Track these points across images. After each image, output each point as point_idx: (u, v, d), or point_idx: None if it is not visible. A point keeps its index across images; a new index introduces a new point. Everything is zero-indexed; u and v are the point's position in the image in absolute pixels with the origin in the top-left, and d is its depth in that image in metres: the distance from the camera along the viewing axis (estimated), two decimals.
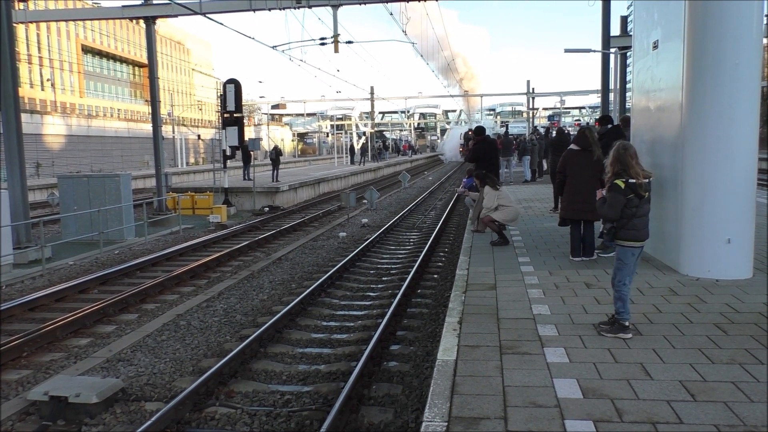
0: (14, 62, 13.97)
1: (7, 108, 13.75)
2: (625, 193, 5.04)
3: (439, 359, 4.75)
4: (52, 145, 46.04)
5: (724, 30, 6.70)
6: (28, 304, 9.24)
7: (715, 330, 5.19)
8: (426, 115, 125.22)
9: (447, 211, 19.13)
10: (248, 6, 20.04)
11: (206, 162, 62.49)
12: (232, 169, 26.28)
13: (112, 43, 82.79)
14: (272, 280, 10.95)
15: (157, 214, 19.94)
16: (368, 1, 19.87)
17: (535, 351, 4.85)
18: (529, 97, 70.34)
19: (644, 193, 5.12)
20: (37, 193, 29.03)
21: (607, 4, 19.02)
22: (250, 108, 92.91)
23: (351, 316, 8.65)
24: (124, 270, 11.62)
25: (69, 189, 16.12)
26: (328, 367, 6.61)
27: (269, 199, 23.78)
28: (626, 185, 5.02)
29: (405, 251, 13.43)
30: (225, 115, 21.25)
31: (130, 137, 56.87)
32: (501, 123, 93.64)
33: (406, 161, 58.90)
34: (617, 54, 24.30)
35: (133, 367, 6.73)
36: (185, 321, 8.43)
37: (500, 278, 7.48)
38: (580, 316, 5.77)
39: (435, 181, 35.20)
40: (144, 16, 21.60)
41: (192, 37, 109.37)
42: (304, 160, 66.87)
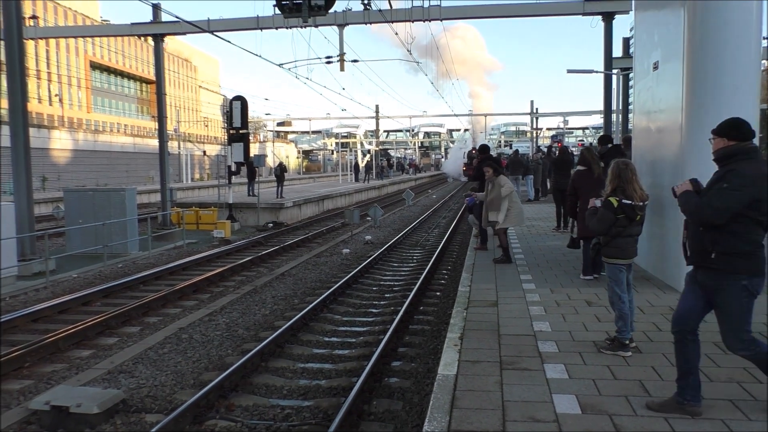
0: (24, 78, 14.15)
1: (16, 122, 13.92)
2: (615, 212, 5.07)
3: (440, 374, 4.78)
4: (58, 159, 46.39)
5: (723, 52, 6.79)
6: (31, 316, 9.29)
7: (714, 349, 5.21)
8: (430, 134, 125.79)
9: (450, 229, 19.17)
10: (255, 24, 20.30)
11: (211, 178, 62.84)
12: (236, 185, 26.41)
13: (120, 60, 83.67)
14: (275, 295, 10.98)
15: (162, 228, 20.02)
16: (374, 21, 20.11)
17: (535, 367, 4.88)
18: (533, 117, 70.61)
19: (636, 216, 5.14)
20: (42, 206, 29.18)
21: (609, 25, 19.16)
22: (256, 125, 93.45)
23: (353, 332, 8.67)
24: (128, 283, 11.67)
25: (74, 202, 16.23)
26: (329, 382, 6.62)
27: (273, 215, 23.86)
28: (619, 205, 5.05)
29: (408, 268, 13.46)
30: (231, 131, 21.41)
31: (136, 152, 57.26)
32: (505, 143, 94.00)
33: (410, 179, 59.07)
34: (619, 75, 24.46)
35: (134, 378, 6.76)
36: (187, 334, 8.46)
37: (502, 295, 7.52)
38: (581, 333, 5.80)
39: (439, 200, 35.28)
40: (153, 33, 21.88)
41: (199, 54, 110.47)
42: (309, 177, 67.14)
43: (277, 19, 19.16)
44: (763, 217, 3.72)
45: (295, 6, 11.78)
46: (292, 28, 19.80)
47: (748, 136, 3.85)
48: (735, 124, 3.92)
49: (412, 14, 19.88)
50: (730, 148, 3.85)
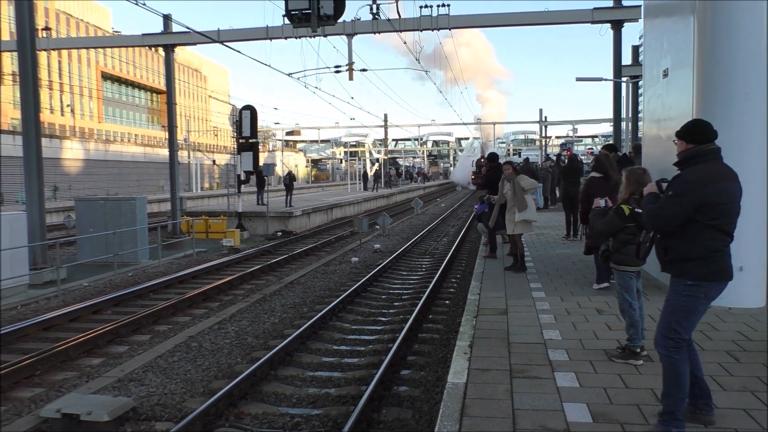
0: (36, 88, 14.30)
1: (28, 133, 14.05)
2: (626, 221, 5.04)
3: (450, 382, 4.76)
4: (70, 169, 46.74)
5: (733, 59, 6.77)
6: (42, 324, 9.34)
7: (727, 357, 5.17)
8: (439, 142, 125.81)
9: (459, 237, 19.14)
10: (265, 34, 20.44)
11: (221, 187, 63.10)
12: (246, 193, 26.49)
13: (131, 70, 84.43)
14: (284, 303, 10.99)
15: (172, 237, 20.11)
16: (383, 30, 20.20)
17: (546, 375, 4.85)
18: (542, 125, 70.50)
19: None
20: (54, 215, 29.39)
21: (618, 33, 19.17)
22: (265, 134, 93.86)
23: (362, 340, 8.65)
24: (138, 291, 11.72)
25: (85, 212, 16.34)
26: (338, 390, 6.61)
27: (282, 223, 23.92)
28: (631, 213, 5.02)
29: (417, 277, 13.44)
30: (240, 140, 21.53)
31: (146, 162, 57.61)
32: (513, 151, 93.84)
33: (419, 188, 59.09)
34: (629, 83, 24.41)
35: (144, 387, 6.77)
36: (197, 343, 8.48)
37: (511, 303, 7.49)
38: (591, 341, 5.76)
39: (447, 208, 35.25)
40: (164, 44, 22.08)
41: (209, 64, 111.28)
42: (318, 186, 67.28)
43: (287, 29, 19.29)
44: (715, 222, 3.62)
45: (304, 16, 11.83)
46: (301, 38, 19.92)
47: (707, 139, 3.76)
48: (694, 126, 3.86)
49: (420, 23, 19.96)
50: (688, 151, 3.79)
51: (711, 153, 3.74)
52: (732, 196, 3.67)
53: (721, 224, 3.65)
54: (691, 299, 3.74)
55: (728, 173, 3.71)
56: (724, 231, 3.67)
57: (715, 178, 3.64)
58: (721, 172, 3.69)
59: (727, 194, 3.65)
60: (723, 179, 3.66)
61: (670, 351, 3.77)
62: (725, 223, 3.66)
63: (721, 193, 3.63)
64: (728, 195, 3.65)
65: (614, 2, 19.24)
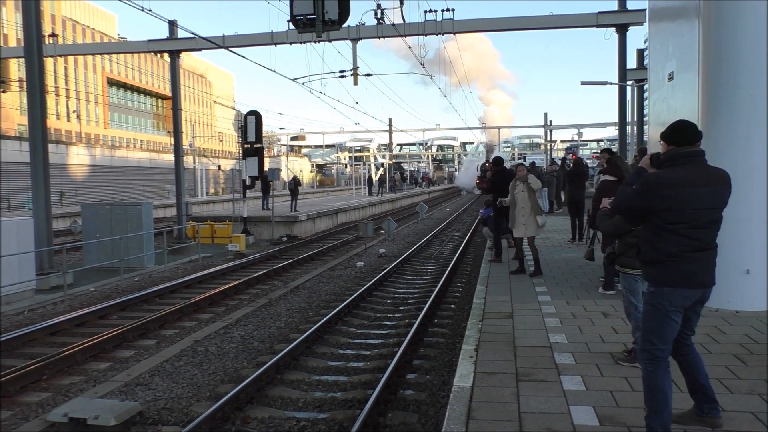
0: (43, 95, 14.39)
1: (35, 138, 14.13)
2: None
3: (456, 385, 4.76)
4: (76, 174, 46.95)
5: (738, 62, 6.77)
6: (49, 329, 9.38)
7: (734, 360, 5.15)
8: (444, 147, 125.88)
9: (464, 242, 19.13)
10: (270, 40, 20.52)
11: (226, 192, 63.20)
12: (251, 199, 26.58)
13: (136, 76, 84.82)
14: (289, 308, 11.00)
15: (177, 242, 20.16)
16: (387, 35, 20.25)
17: (552, 378, 4.85)
18: (547, 129, 70.48)
19: None
20: (60, 221, 29.51)
21: (622, 37, 19.17)
22: (270, 139, 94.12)
23: (368, 344, 8.65)
24: (144, 296, 11.76)
25: (91, 217, 16.41)
26: (344, 394, 6.61)
27: (287, 228, 23.96)
28: None
29: (422, 281, 13.43)
30: (245, 145, 21.60)
31: (152, 167, 57.82)
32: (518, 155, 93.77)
33: (423, 192, 59.08)
34: (634, 86, 24.39)
35: (151, 391, 6.79)
36: (203, 347, 8.49)
37: (517, 307, 7.48)
38: (597, 345, 5.75)
39: (452, 213, 35.24)
40: (169, 50, 22.19)
41: (214, 70, 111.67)
42: (323, 191, 67.35)
43: (291, 34, 19.36)
44: (674, 226, 3.53)
45: (309, 21, 11.85)
46: (305, 43, 19.98)
47: (686, 141, 3.64)
48: (674, 128, 3.75)
49: (425, 28, 19.99)
50: (667, 152, 3.71)
51: (686, 156, 3.62)
52: (696, 202, 3.51)
53: (681, 229, 3.53)
54: (654, 307, 3.64)
55: (699, 178, 3.55)
56: (686, 236, 3.53)
57: (676, 184, 3.52)
58: (689, 177, 3.54)
59: (687, 200, 3.50)
60: (687, 185, 3.52)
61: (645, 364, 3.69)
62: (688, 228, 3.52)
63: (678, 199, 3.50)
64: (689, 201, 3.50)
65: (619, 6, 19.24)
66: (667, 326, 3.62)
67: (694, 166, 3.61)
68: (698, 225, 3.54)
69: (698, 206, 3.52)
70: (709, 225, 3.58)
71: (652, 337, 3.65)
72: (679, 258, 3.54)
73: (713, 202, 3.57)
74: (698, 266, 3.57)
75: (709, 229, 3.59)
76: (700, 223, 3.54)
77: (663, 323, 3.62)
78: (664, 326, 3.62)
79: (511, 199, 10.19)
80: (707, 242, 3.59)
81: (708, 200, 3.54)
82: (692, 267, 3.56)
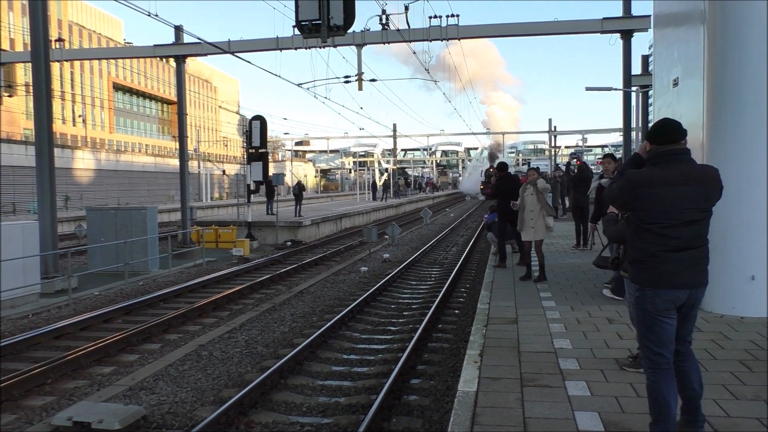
0: (49, 99, 14.46)
1: (41, 143, 14.20)
2: None
3: (460, 390, 4.75)
4: (81, 178, 47.14)
5: (744, 67, 6.76)
6: (53, 333, 9.40)
7: (739, 366, 5.13)
8: (448, 152, 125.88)
9: (469, 247, 19.11)
10: (275, 45, 20.57)
11: (230, 196, 63.39)
12: (255, 203, 26.62)
13: (142, 81, 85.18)
14: (293, 312, 11.00)
15: (182, 246, 20.21)
16: (392, 41, 20.29)
17: (557, 384, 4.83)
18: (551, 135, 70.46)
19: None
20: (65, 225, 29.61)
21: (627, 43, 19.16)
22: (275, 144, 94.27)
23: (371, 349, 8.65)
24: (148, 301, 11.78)
25: (96, 221, 16.47)
26: (348, 399, 6.60)
27: (292, 233, 23.98)
28: None
29: (426, 286, 13.42)
30: (250, 150, 21.65)
31: (156, 172, 58.01)
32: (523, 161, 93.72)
33: (427, 198, 59.08)
34: (639, 92, 24.37)
35: (155, 395, 6.80)
36: (207, 351, 8.50)
37: (521, 312, 7.47)
38: (602, 350, 5.73)
39: (456, 218, 35.22)
40: (175, 54, 22.27)
41: (220, 75, 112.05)
42: (327, 196, 67.44)
43: (297, 39, 19.40)
44: (650, 225, 3.49)
45: (314, 27, 11.89)
46: (310, 48, 20.03)
47: (667, 139, 3.58)
48: (655, 126, 3.71)
49: (430, 33, 20.03)
50: (650, 151, 3.67)
51: (667, 155, 3.56)
52: (673, 200, 3.45)
53: (658, 228, 3.48)
54: (641, 310, 3.59)
55: (679, 177, 3.48)
56: (663, 234, 3.47)
57: (653, 183, 3.48)
58: (668, 176, 3.48)
59: (663, 199, 3.45)
60: (665, 184, 3.46)
61: (648, 372, 3.63)
62: (665, 227, 3.47)
63: (654, 198, 3.46)
64: (666, 200, 3.45)
65: (624, 12, 19.23)
66: (658, 329, 3.54)
67: (675, 164, 3.53)
68: (674, 224, 3.46)
69: (675, 205, 3.45)
70: (688, 224, 3.48)
71: (647, 342, 3.60)
72: (658, 257, 3.49)
73: (693, 202, 3.48)
74: (678, 266, 3.48)
75: (690, 228, 3.49)
76: (678, 222, 3.46)
77: (652, 326, 3.55)
78: (654, 329, 3.55)
79: (521, 202, 10.16)
80: (688, 242, 3.49)
81: (687, 199, 3.46)
82: (670, 267, 3.48)
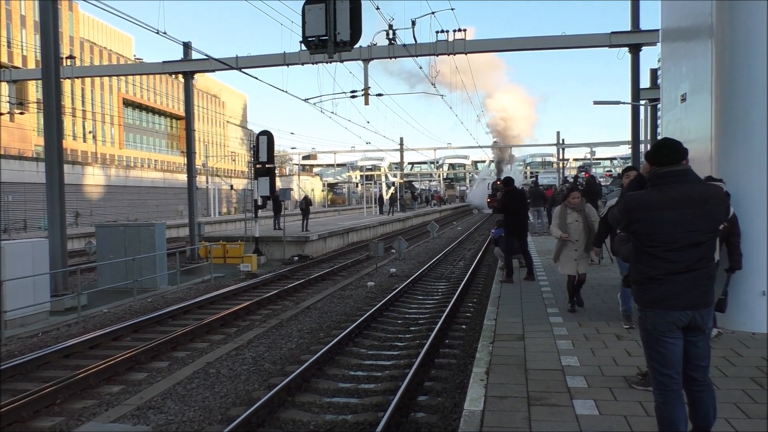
0: (60, 116, 14.61)
1: (51, 159, 14.33)
2: None
3: (466, 409, 4.72)
4: (91, 194, 47.45)
5: (752, 83, 6.76)
6: (62, 351, 9.41)
7: (750, 384, 5.08)
8: (455, 165, 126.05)
9: (476, 261, 19.06)
10: (282, 60, 20.74)
11: (238, 211, 63.55)
12: (263, 218, 26.70)
13: (151, 97, 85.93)
14: (301, 329, 10.99)
15: (190, 262, 20.27)
16: (399, 56, 20.40)
17: (564, 403, 4.79)
18: (559, 148, 70.39)
19: None
20: (75, 241, 29.80)
21: (635, 57, 19.17)
22: (282, 159, 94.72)
23: (379, 365, 8.61)
24: (157, 318, 11.80)
25: (105, 238, 16.55)
26: (355, 417, 6.57)
27: (299, 248, 24.01)
28: None
29: (433, 301, 13.38)
30: (257, 165, 21.75)
31: (165, 187, 58.32)
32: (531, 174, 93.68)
33: (434, 211, 59.04)
34: (647, 106, 24.34)
35: (163, 414, 6.79)
36: (215, 369, 8.49)
37: (528, 329, 7.43)
38: (611, 368, 5.69)
39: (464, 231, 35.16)
40: (183, 71, 22.49)
41: (227, 90, 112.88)
42: (334, 210, 67.51)
43: (303, 55, 19.56)
44: (649, 249, 3.47)
45: (321, 42, 11.99)
46: (317, 64, 20.17)
47: (665, 161, 3.52)
48: (653, 147, 3.66)
49: (437, 48, 20.12)
50: (649, 173, 3.64)
51: (665, 177, 3.51)
52: (671, 224, 3.41)
53: (657, 252, 3.46)
54: (645, 331, 3.58)
55: (678, 200, 3.42)
56: (662, 257, 3.44)
57: (650, 207, 3.45)
58: (665, 199, 3.44)
59: (661, 223, 3.42)
60: (663, 208, 3.42)
61: (656, 394, 3.59)
62: (664, 251, 3.44)
63: (651, 222, 3.45)
64: (664, 224, 3.42)
65: (632, 26, 19.27)
66: (663, 349, 3.50)
67: (675, 186, 3.47)
68: (675, 248, 3.43)
69: (676, 229, 3.42)
70: (690, 247, 3.43)
71: (653, 363, 3.58)
72: (657, 280, 3.47)
73: (695, 224, 3.42)
74: (678, 288, 3.44)
75: (693, 251, 3.44)
76: (677, 246, 3.43)
77: (657, 346, 3.52)
78: (658, 349, 3.52)
79: (556, 229, 8.71)
80: (691, 264, 3.44)
81: (688, 222, 3.41)
82: (670, 289, 3.45)
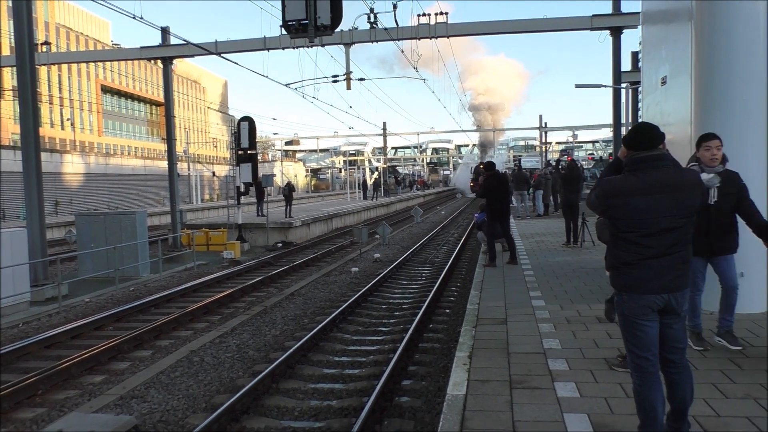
0: (35, 103, 14.35)
1: (28, 147, 14.09)
2: None
3: (449, 394, 4.75)
4: (70, 183, 46.83)
5: (731, 66, 6.79)
6: (44, 342, 9.32)
7: (729, 364, 5.16)
8: (439, 150, 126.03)
9: (459, 246, 19.13)
10: (262, 45, 20.53)
11: (221, 198, 63.15)
12: (246, 205, 26.53)
13: (130, 83, 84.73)
14: (285, 315, 10.98)
15: (172, 250, 20.12)
16: (380, 39, 20.27)
17: (546, 385, 4.84)
18: (542, 131, 70.64)
19: None
20: (55, 230, 29.42)
21: (617, 40, 19.22)
22: (264, 144, 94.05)
23: (363, 351, 8.64)
24: (139, 306, 11.72)
25: (86, 226, 16.36)
26: (339, 402, 6.60)
27: (282, 234, 23.93)
28: None
29: (417, 286, 13.43)
30: (239, 152, 21.57)
31: (146, 174, 57.73)
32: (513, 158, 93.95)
33: (418, 196, 59.09)
34: (628, 89, 24.45)
35: (146, 404, 6.76)
36: (198, 357, 8.47)
37: (511, 313, 7.48)
38: (592, 350, 5.75)
39: (447, 216, 35.25)
40: (162, 56, 22.18)
41: (208, 75, 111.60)
42: (317, 196, 67.33)
43: (284, 39, 19.35)
44: (625, 234, 3.49)
45: (301, 26, 11.85)
46: (298, 48, 20.00)
47: (641, 146, 3.52)
48: (630, 132, 3.66)
49: (418, 31, 20.03)
50: (627, 158, 3.64)
51: (641, 162, 3.51)
52: (646, 210, 3.42)
53: (631, 237, 3.47)
54: (621, 315, 3.61)
55: (653, 185, 3.43)
56: (636, 243, 3.46)
57: (625, 193, 3.46)
58: (640, 185, 3.45)
59: (636, 209, 3.43)
60: (637, 193, 3.43)
61: (633, 376, 3.62)
62: (639, 236, 3.45)
63: (625, 208, 3.46)
64: (638, 209, 3.43)
65: (613, 9, 19.30)
66: (639, 332, 3.53)
67: (651, 171, 3.48)
68: (650, 233, 3.44)
69: (650, 214, 3.43)
70: (665, 232, 3.44)
71: (630, 345, 3.61)
72: (632, 265, 3.49)
73: (670, 210, 3.43)
74: (651, 272, 3.46)
75: (667, 236, 3.45)
76: (653, 231, 3.44)
77: (633, 329, 3.55)
78: (634, 332, 3.55)
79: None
80: (665, 249, 3.45)
81: (663, 208, 3.43)
82: (644, 273, 3.47)
